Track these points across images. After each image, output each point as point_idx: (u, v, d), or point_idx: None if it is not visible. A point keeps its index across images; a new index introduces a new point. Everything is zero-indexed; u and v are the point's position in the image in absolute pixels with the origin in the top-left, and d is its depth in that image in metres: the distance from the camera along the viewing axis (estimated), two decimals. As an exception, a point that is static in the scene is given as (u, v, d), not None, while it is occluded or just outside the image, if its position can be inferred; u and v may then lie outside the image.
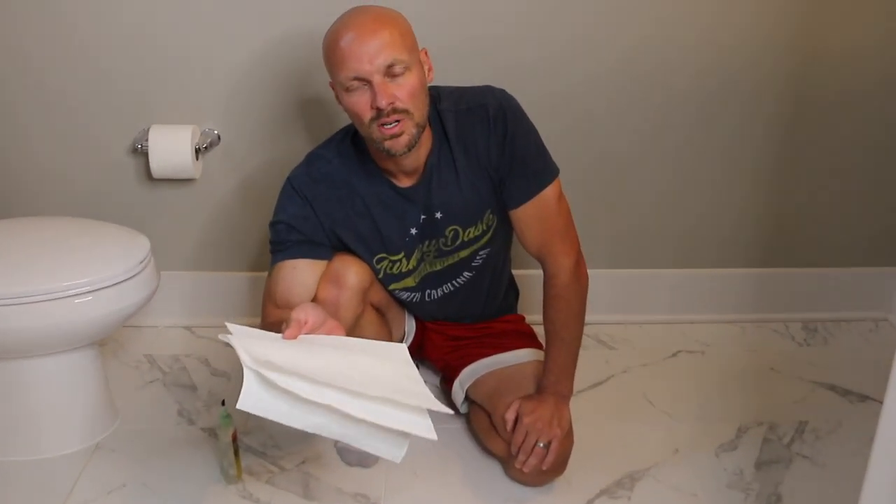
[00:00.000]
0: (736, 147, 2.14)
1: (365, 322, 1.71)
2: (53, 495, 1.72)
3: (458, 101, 1.64)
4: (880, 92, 2.09)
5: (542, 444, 1.65)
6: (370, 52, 1.46)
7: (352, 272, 1.64)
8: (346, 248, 1.69)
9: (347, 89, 1.50)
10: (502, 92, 1.65)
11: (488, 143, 1.62)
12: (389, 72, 1.47)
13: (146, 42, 2.00)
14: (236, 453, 1.73)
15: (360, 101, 1.50)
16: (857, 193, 2.21)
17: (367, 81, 1.48)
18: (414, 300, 1.80)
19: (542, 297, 1.91)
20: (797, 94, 2.09)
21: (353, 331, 1.65)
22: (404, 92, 1.49)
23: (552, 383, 1.73)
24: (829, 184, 2.19)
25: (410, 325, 1.92)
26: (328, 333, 1.41)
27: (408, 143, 1.53)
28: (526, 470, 1.66)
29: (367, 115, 1.50)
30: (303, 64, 2.00)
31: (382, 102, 1.47)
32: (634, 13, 1.99)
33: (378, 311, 1.79)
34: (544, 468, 1.66)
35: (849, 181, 2.19)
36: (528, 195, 1.66)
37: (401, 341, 1.91)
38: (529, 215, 1.68)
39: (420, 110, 1.53)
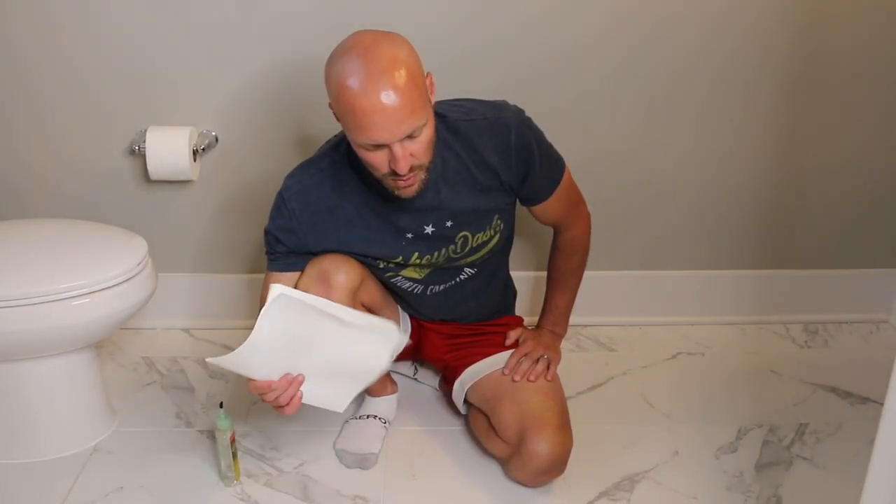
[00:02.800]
0: (736, 148, 2.13)
1: None
2: (51, 498, 1.72)
3: (470, 112, 1.65)
4: (881, 95, 2.09)
5: (544, 356, 1.79)
6: (390, 124, 1.42)
7: (341, 272, 1.63)
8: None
9: (362, 147, 1.47)
10: (516, 107, 1.67)
11: (507, 156, 1.64)
12: (409, 136, 1.45)
13: (144, 43, 2.00)
14: (234, 455, 1.72)
15: (377, 158, 1.47)
16: (858, 195, 2.20)
17: (385, 145, 1.45)
18: (416, 291, 1.79)
19: (540, 299, 1.91)
20: (797, 96, 2.08)
21: None
22: (420, 149, 1.47)
23: (551, 323, 1.89)
24: (830, 185, 2.18)
25: (406, 326, 1.91)
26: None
27: (418, 190, 1.54)
28: (532, 378, 1.74)
29: (384, 170, 1.49)
30: (301, 65, 2.00)
31: (403, 169, 1.45)
32: (634, 13, 1.99)
33: (370, 311, 1.78)
34: (548, 378, 1.75)
35: (849, 183, 2.18)
36: (549, 193, 1.74)
37: None
38: (550, 205, 1.76)
39: (431, 155, 1.52)
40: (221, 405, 1.70)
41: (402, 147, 1.44)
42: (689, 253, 2.26)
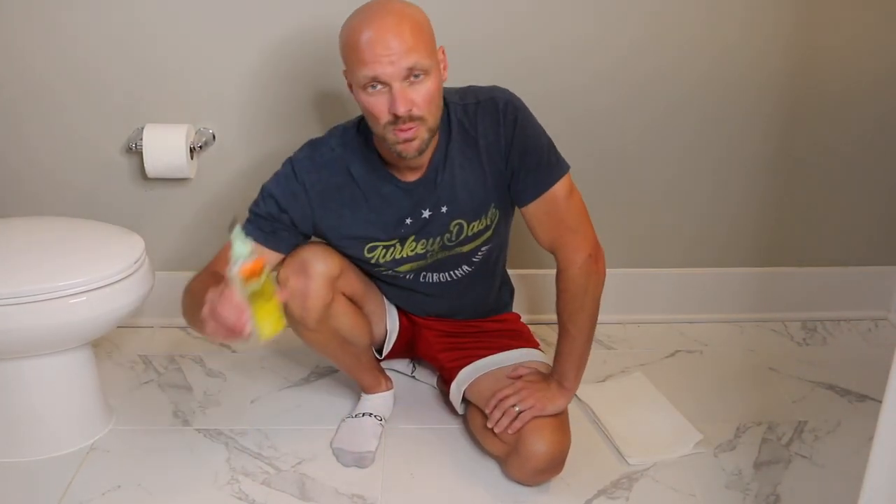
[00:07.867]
0: (735, 146, 2.13)
1: (338, 312, 1.70)
2: (47, 496, 1.71)
3: (464, 95, 1.66)
4: (878, 92, 2.08)
5: (516, 408, 1.67)
6: (392, 56, 1.44)
7: (319, 261, 1.63)
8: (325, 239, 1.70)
9: (364, 88, 1.49)
10: (509, 90, 1.67)
11: (498, 133, 1.63)
12: (409, 76, 1.46)
13: (141, 41, 1.99)
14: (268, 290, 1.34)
15: (378, 104, 1.49)
16: (856, 192, 2.20)
17: (386, 84, 1.46)
18: (408, 277, 1.78)
19: (538, 296, 1.91)
20: (796, 94, 2.08)
21: (325, 321, 1.65)
22: (422, 98, 1.48)
23: (558, 374, 1.72)
24: (828, 182, 2.18)
25: (393, 323, 1.90)
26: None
27: (419, 148, 1.53)
28: (497, 430, 1.68)
29: (384, 118, 1.49)
30: (298, 62, 1.99)
31: (401, 110, 1.46)
32: (635, 14, 1.99)
33: (353, 302, 1.78)
34: (510, 431, 1.67)
35: (848, 179, 2.18)
36: (538, 192, 1.66)
37: (383, 338, 1.90)
38: (540, 211, 1.67)
39: (434, 115, 1.52)
40: (234, 222, 1.41)
41: (403, 88, 1.46)
42: (688, 250, 2.26)
